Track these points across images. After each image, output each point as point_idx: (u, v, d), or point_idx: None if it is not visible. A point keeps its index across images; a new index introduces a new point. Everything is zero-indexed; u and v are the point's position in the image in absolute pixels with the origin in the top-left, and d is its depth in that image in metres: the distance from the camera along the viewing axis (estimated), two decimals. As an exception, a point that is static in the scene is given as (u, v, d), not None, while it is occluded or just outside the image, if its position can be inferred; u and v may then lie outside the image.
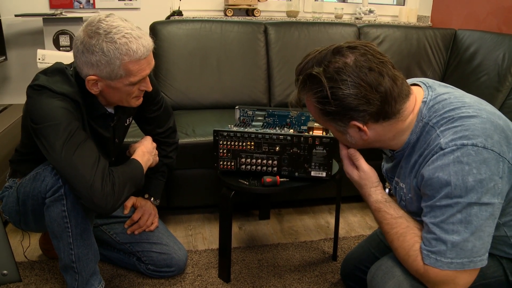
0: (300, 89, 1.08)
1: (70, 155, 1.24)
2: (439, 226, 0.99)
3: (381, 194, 1.18)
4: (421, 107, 1.08)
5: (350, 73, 1.00)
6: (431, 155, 1.01)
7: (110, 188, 1.28)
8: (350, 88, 1.00)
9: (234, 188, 1.59)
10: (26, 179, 1.41)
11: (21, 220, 1.47)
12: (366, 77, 1.00)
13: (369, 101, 1.01)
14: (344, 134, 1.11)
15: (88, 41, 1.26)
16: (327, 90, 1.01)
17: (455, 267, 0.98)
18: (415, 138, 1.09)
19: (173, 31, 2.58)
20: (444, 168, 0.97)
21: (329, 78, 1.01)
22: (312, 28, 2.78)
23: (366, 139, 1.10)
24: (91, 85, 1.32)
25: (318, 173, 1.60)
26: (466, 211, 0.96)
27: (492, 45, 2.59)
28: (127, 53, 1.27)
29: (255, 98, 2.65)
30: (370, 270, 1.20)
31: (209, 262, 1.85)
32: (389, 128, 1.08)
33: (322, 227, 2.20)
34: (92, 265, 1.43)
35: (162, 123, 1.73)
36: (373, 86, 1.00)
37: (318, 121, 1.13)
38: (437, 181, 0.98)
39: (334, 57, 1.02)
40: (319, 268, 1.83)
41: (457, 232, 0.97)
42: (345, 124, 1.07)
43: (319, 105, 1.05)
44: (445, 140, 0.99)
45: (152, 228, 1.71)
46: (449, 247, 0.98)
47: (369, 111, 1.02)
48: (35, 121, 1.28)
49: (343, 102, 1.01)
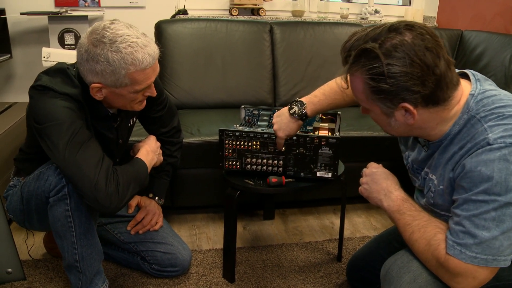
0: (351, 64, 1.01)
1: (74, 154, 1.24)
2: (470, 219, 0.98)
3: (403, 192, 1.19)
4: (468, 99, 1.04)
5: (408, 51, 0.95)
6: (476, 148, 0.98)
7: (114, 188, 1.27)
8: (408, 66, 0.95)
9: (239, 188, 1.58)
10: (30, 178, 1.40)
11: (25, 219, 1.47)
12: (424, 57, 0.95)
13: (424, 82, 0.96)
14: (389, 117, 1.06)
15: (92, 50, 1.23)
16: (383, 66, 0.95)
17: (478, 262, 0.97)
18: (457, 129, 1.05)
19: (178, 30, 2.58)
20: (489, 163, 0.95)
21: (386, 54, 0.95)
22: (317, 28, 2.77)
23: (411, 124, 1.05)
24: (95, 92, 1.31)
25: (324, 173, 1.59)
26: (502, 210, 0.95)
27: (499, 46, 2.58)
28: (132, 63, 1.25)
29: (260, 98, 2.64)
30: (385, 264, 1.18)
31: (213, 262, 1.84)
32: (435, 115, 1.04)
33: (326, 227, 2.19)
34: (96, 265, 1.42)
35: (166, 123, 1.72)
36: (430, 67, 0.96)
37: (362, 100, 1.06)
38: (478, 175, 0.96)
39: (390, 34, 0.97)
40: (324, 269, 1.82)
41: (487, 229, 0.96)
42: (394, 106, 1.01)
43: (372, 82, 0.99)
44: (494, 136, 0.96)
45: (156, 228, 1.70)
46: (477, 242, 0.97)
47: (422, 93, 0.98)
48: (38, 121, 1.27)
49: (398, 81, 0.96)
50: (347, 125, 2.25)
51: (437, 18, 3.46)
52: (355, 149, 2.21)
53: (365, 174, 1.27)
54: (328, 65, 2.72)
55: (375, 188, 1.21)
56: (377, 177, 1.23)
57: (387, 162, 2.30)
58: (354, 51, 1.00)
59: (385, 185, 1.20)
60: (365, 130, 2.22)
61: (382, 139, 2.21)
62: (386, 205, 1.18)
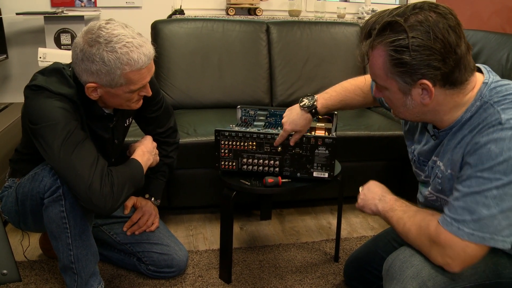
0: (375, 36, 1.02)
1: (68, 155, 1.23)
2: (471, 196, 0.98)
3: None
4: (482, 87, 1.05)
5: (433, 27, 0.96)
6: (487, 127, 0.99)
7: (109, 188, 1.26)
8: (432, 41, 0.96)
9: (235, 189, 1.58)
10: (25, 179, 1.39)
11: (20, 220, 1.46)
12: (448, 35, 0.97)
13: (445, 60, 0.97)
14: (405, 96, 1.06)
15: (88, 50, 1.23)
16: (408, 38, 0.97)
17: (475, 240, 0.98)
18: (468, 115, 1.06)
19: (174, 30, 2.57)
20: (499, 141, 0.96)
21: (411, 28, 0.97)
22: (314, 28, 2.77)
23: (427, 104, 1.05)
24: (90, 92, 1.30)
25: (320, 173, 1.59)
26: (504, 189, 0.95)
27: (495, 45, 2.57)
28: (128, 63, 1.24)
29: (257, 97, 2.63)
30: (387, 260, 1.19)
31: (210, 262, 1.84)
32: (450, 98, 1.05)
33: (323, 227, 2.18)
34: (92, 266, 1.42)
35: (162, 123, 1.72)
36: (452, 45, 0.97)
37: (380, 77, 1.06)
38: (487, 152, 0.97)
39: (415, 10, 0.99)
40: (321, 269, 1.82)
41: (487, 206, 0.96)
42: (413, 81, 1.01)
43: (395, 54, 0.99)
44: (506, 117, 0.97)
45: (152, 229, 1.70)
46: (475, 218, 0.98)
47: (442, 71, 0.99)
48: (32, 121, 1.27)
49: (421, 54, 0.97)
50: (344, 124, 2.24)
51: (434, 18, 3.46)
52: (352, 148, 2.21)
53: (361, 189, 1.33)
54: (325, 64, 2.72)
55: (371, 195, 1.27)
56: (372, 186, 1.29)
57: (383, 161, 2.33)
58: (379, 24, 1.01)
59: (380, 191, 1.26)
60: (362, 130, 2.22)
61: (379, 139, 2.21)
62: (381, 207, 1.22)
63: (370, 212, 1.27)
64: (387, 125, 2.30)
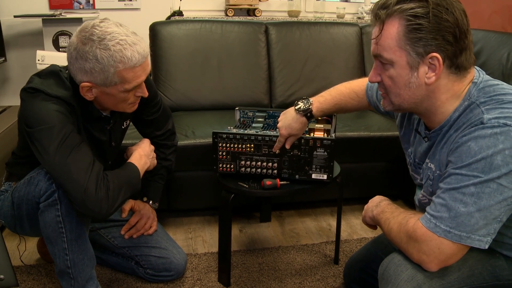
0: (395, 3, 1.02)
1: (64, 158, 1.22)
2: (450, 192, 0.99)
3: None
4: (471, 87, 1.06)
5: (452, 7, 1.00)
6: (470, 126, 1.00)
7: (104, 193, 1.25)
8: (450, 16, 0.99)
9: (233, 191, 1.56)
10: (21, 183, 1.38)
11: (16, 224, 1.45)
12: (462, 18, 1.00)
13: (458, 39, 1.00)
14: (412, 71, 1.04)
15: (81, 48, 1.23)
16: (429, 7, 0.99)
17: (451, 238, 0.98)
18: (456, 116, 1.06)
19: (173, 31, 2.56)
20: (478, 139, 0.96)
21: (433, 1, 1.00)
22: (313, 28, 2.75)
23: (430, 84, 1.04)
24: (85, 91, 1.30)
25: (319, 175, 1.57)
26: (482, 186, 0.95)
27: (496, 44, 2.55)
28: (121, 61, 1.24)
29: (256, 99, 2.62)
30: (382, 263, 1.18)
31: (208, 265, 1.83)
32: (451, 85, 1.05)
33: (324, 229, 2.17)
34: (88, 271, 1.40)
35: (160, 126, 1.71)
36: (465, 28, 1.00)
37: (390, 46, 1.04)
38: (467, 149, 0.97)
39: None
40: (321, 272, 1.80)
41: (464, 203, 0.97)
42: (425, 53, 1.01)
43: (413, 19, 1.00)
44: (489, 117, 0.98)
45: (150, 232, 1.68)
46: (452, 215, 0.98)
47: (454, 48, 1.00)
48: (29, 124, 1.26)
49: (440, 23, 0.99)
50: (343, 125, 2.23)
51: (434, 17, 3.44)
52: (351, 149, 2.19)
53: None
54: (325, 65, 2.70)
55: (371, 205, 1.30)
56: (375, 198, 1.31)
57: (383, 162, 2.32)
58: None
59: (378, 199, 1.29)
60: (362, 131, 2.21)
61: (379, 140, 2.20)
62: (375, 212, 1.24)
63: (369, 219, 1.29)
64: (387, 125, 2.29)
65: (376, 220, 1.24)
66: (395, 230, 1.11)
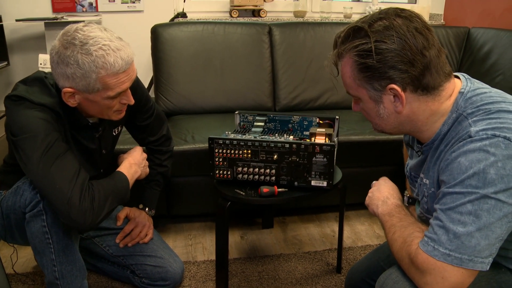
0: (340, 44, 1.02)
1: (48, 168, 1.18)
2: (446, 213, 0.92)
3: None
4: (458, 98, 1.01)
5: (397, 31, 0.95)
6: (458, 141, 0.94)
7: (88, 203, 1.21)
8: (396, 43, 0.95)
9: (230, 199, 1.51)
10: (9, 193, 1.35)
11: (7, 234, 1.42)
12: (413, 37, 0.95)
13: (412, 62, 0.95)
14: (378, 104, 1.03)
15: (63, 52, 1.18)
16: (371, 42, 0.96)
17: (451, 261, 0.89)
18: (446, 129, 1.01)
19: (174, 33, 2.52)
20: (468, 154, 0.90)
21: (375, 32, 0.96)
22: (318, 29, 2.69)
23: (400, 112, 1.01)
24: (67, 97, 1.25)
25: (319, 182, 1.51)
26: (479, 203, 0.88)
27: (507, 43, 2.47)
28: (103, 67, 1.19)
29: (259, 101, 2.57)
30: (379, 279, 1.12)
31: (207, 274, 1.78)
32: (425, 105, 1.00)
33: (327, 236, 2.10)
34: (78, 282, 1.36)
35: (154, 131, 1.66)
36: (419, 47, 0.95)
37: (351, 87, 1.05)
38: (457, 166, 0.91)
39: (380, 15, 0.99)
40: (322, 281, 1.74)
41: (462, 223, 0.89)
42: (381, 88, 0.99)
43: (359, 59, 0.98)
44: (476, 129, 0.92)
45: (146, 240, 1.64)
46: (451, 237, 0.90)
47: (410, 74, 0.96)
48: (13, 133, 1.22)
49: (385, 57, 0.95)
50: (348, 129, 2.17)
51: (443, 16, 3.36)
52: (356, 153, 2.13)
53: (373, 184, 1.25)
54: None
55: (377, 195, 1.20)
56: (382, 187, 1.21)
57: (389, 167, 2.24)
58: (343, 33, 1.02)
59: (387, 194, 1.18)
60: (367, 134, 2.14)
61: (384, 144, 2.13)
62: (380, 210, 1.15)
63: (372, 212, 1.20)
64: (393, 128, 2.21)
65: (380, 220, 1.15)
66: (398, 245, 1.03)
